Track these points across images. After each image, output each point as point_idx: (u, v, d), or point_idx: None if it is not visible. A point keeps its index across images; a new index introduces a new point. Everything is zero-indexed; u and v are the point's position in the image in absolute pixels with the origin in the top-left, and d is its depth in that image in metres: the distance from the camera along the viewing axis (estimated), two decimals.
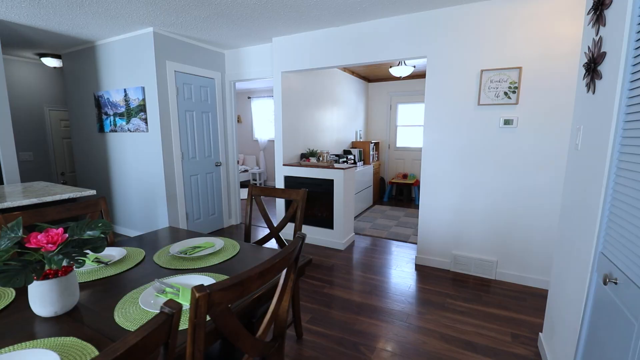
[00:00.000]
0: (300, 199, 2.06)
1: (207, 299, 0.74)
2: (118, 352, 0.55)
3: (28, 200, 2.10)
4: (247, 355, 1.00)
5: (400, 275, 3.10)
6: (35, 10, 2.96)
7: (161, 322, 0.64)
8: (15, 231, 1.02)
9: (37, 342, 0.90)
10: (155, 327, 0.62)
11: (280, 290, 1.09)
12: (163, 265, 1.44)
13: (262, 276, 0.90)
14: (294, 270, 1.14)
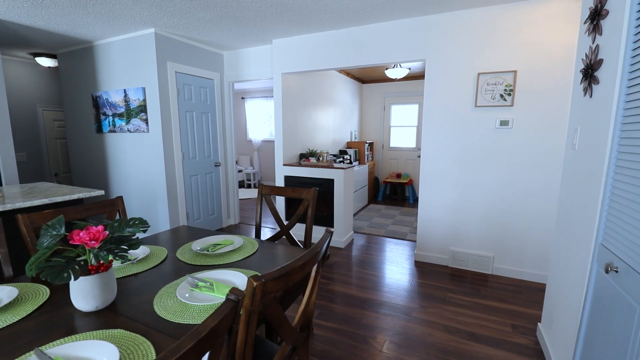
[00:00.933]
0: (311, 197, 2.13)
1: (263, 288, 0.80)
2: (202, 334, 0.61)
3: (39, 200, 2.10)
4: (284, 343, 1.06)
5: (401, 272, 3.19)
6: (36, 10, 2.94)
7: (230, 307, 0.69)
8: (57, 229, 1.06)
9: (87, 335, 0.94)
10: (227, 311, 0.68)
11: (312, 282, 1.16)
12: (187, 261, 1.48)
13: (302, 268, 0.97)
14: (322, 264, 1.20)
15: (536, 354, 2.03)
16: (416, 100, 6.30)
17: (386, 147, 6.76)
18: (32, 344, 0.91)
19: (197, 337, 0.60)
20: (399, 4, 2.81)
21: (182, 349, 0.56)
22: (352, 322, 2.35)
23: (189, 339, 0.59)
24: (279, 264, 1.48)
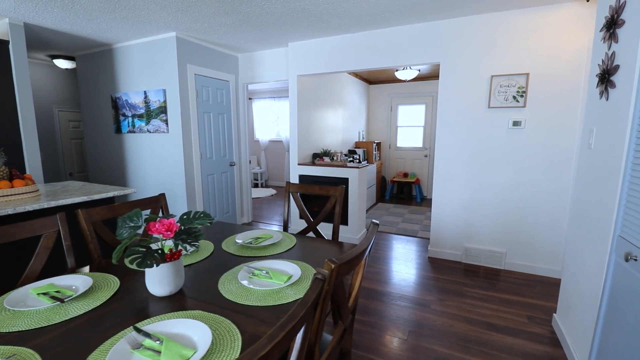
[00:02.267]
0: (338, 194, 2.24)
1: (338, 270, 0.91)
2: (307, 305, 0.72)
3: (79, 198, 2.21)
4: (340, 322, 1.17)
5: (416, 267, 3.31)
6: (65, 14, 3.04)
7: (320, 285, 0.81)
8: (135, 221, 1.17)
9: (171, 315, 1.05)
10: (318, 289, 0.79)
11: (362, 269, 1.27)
12: (234, 253, 1.60)
13: (362, 255, 1.08)
14: (369, 253, 1.32)
15: (553, 342, 2.15)
16: (423, 100, 6.42)
17: (393, 147, 6.87)
18: (122, 323, 1.02)
19: (305, 306, 0.71)
20: (415, 9, 2.93)
21: (297, 315, 0.67)
22: (374, 314, 2.46)
23: (300, 307, 0.70)
24: (320, 255, 1.59)
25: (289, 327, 0.64)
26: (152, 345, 0.87)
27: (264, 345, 0.58)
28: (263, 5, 2.81)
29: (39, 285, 1.21)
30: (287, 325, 0.64)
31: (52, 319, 1.03)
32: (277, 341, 0.60)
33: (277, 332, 0.62)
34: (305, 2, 2.75)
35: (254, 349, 0.56)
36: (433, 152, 6.46)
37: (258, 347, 0.57)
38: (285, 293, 1.19)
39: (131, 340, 0.89)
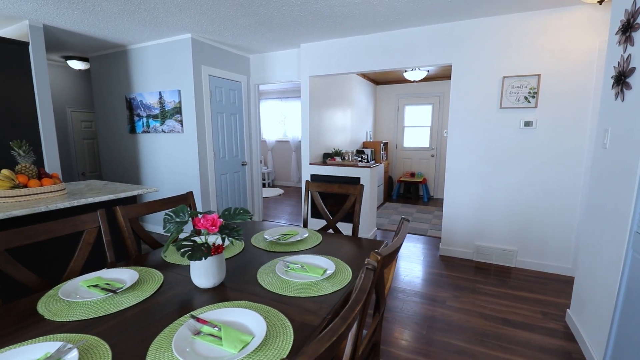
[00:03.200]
0: (357, 193, 2.30)
1: (382, 262, 0.97)
2: (366, 291, 0.78)
3: (106, 196, 2.27)
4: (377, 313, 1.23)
5: (428, 265, 3.37)
6: (85, 16, 3.11)
7: (372, 274, 0.86)
8: (181, 216, 1.23)
9: (220, 305, 1.11)
10: (371, 278, 0.85)
11: (394, 263, 1.33)
12: (265, 248, 1.66)
13: (399, 250, 1.14)
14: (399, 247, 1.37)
15: (567, 337, 2.20)
16: (430, 101, 6.47)
17: (400, 147, 6.93)
18: (175, 312, 1.08)
19: (364, 292, 0.77)
20: (429, 12, 2.98)
21: (360, 300, 0.73)
22: (391, 310, 2.52)
23: (361, 293, 0.76)
24: (347, 251, 1.65)
25: (356, 309, 0.70)
26: (211, 331, 0.93)
27: (339, 325, 0.63)
28: (280, 7, 2.87)
29: (88, 278, 1.27)
30: (355, 308, 0.70)
31: (107, 309, 1.09)
32: (349, 322, 0.66)
33: (347, 314, 0.67)
34: (321, 4, 2.81)
35: (332, 329, 0.62)
36: (439, 152, 6.51)
37: (335, 326, 0.63)
38: (323, 285, 1.25)
39: (191, 327, 0.95)
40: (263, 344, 0.89)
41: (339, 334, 0.61)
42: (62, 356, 0.83)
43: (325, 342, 0.58)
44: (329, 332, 0.61)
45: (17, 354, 0.84)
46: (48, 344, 0.87)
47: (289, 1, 2.73)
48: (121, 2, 2.76)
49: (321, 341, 0.58)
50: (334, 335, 0.60)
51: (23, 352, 0.84)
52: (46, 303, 1.12)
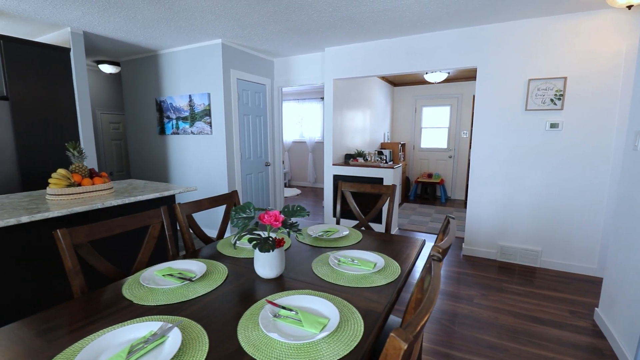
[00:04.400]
0: (390, 192, 2.39)
1: (444, 254, 1.06)
2: (439, 278, 0.87)
3: (152, 194, 2.41)
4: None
5: (453, 265, 3.43)
6: (124, 24, 3.27)
7: (439, 264, 0.96)
8: (248, 212, 1.34)
9: (287, 293, 1.21)
10: (440, 267, 0.94)
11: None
12: (310, 243, 1.76)
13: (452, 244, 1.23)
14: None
15: (596, 334, 2.25)
16: (448, 102, 6.51)
17: (417, 148, 6.98)
18: (249, 298, 1.19)
19: (439, 279, 0.86)
20: (457, 16, 3.05)
21: (438, 286, 0.83)
22: None
23: (437, 280, 0.85)
24: (387, 246, 1.74)
25: (437, 295, 0.79)
26: (288, 314, 1.04)
27: (427, 308, 0.73)
28: (311, 14, 2.98)
29: (161, 268, 1.39)
30: (436, 294, 0.79)
31: (186, 295, 1.20)
32: (434, 301, 0.75)
33: (432, 295, 0.77)
34: (351, 10, 2.91)
35: (424, 307, 0.72)
36: (457, 153, 6.54)
37: (422, 310, 0.72)
38: (376, 278, 1.35)
39: (269, 311, 1.06)
40: (339, 326, 0.99)
41: (430, 312, 0.71)
42: (166, 333, 0.94)
43: (424, 316, 0.67)
44: (423, 310, 0.70)
45: (125, 332, 0.95)
46: (149, 323, 0.99)
47: (320, 8, 2.84)
48: (161, 10, 2.91)
49: (419, 315, 0.68)
50: (428, 312, 0.70)
51: (129, 331, 0.96)
52: (129, 289, 1.24)
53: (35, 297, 1.99)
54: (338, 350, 0.89)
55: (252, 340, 0.93)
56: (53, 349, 0.91)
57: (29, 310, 1.97)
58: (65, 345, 0.92)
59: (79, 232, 1.31)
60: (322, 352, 0.88)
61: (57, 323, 1.04)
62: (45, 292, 2.04)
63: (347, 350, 0.90)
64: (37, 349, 0.91)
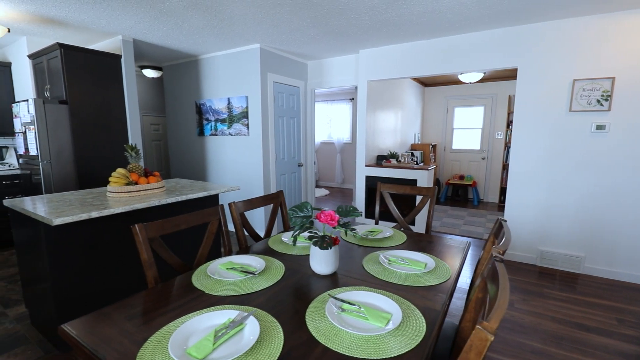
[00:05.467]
0: (431, 194, 2.40)
1: (504, 254, 1.09)
2: (507, 276, 0.90)
3: (201, 193, 2.55)
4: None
5: None
6: (172, 31, 3.46)
7: (500, 266, 0.99)
8: (305, 211, 1.42)
9: (345, 289, 1.27)
10: (503, 267, 0.97)
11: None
12: (358, 243, 1.82)
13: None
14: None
15: None
16: (482, 102, 6.37)
17: (448, 149, 6.87)
18: (310, 292, 1.26)
19: (507, 278, 0.90)
20: (499, 17, 3.01)
21: (507, 284, 0.86)
22: (460, 309, 2.59)
23: (505, 279, 0.88)
24: (433, 248, 1.77)
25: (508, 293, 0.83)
26: (352, 308, 1.10)
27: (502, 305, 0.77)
28: (351, 18, 3.04)
29: (223, 262, 1.50)
30: (508, 292, 0.83)
31: (251, 287, 1.29)
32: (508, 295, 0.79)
33: (505, 293, 0.81)
34: (391, 13, 2.94)
35: (499, 305, 0.76)
36: (491, 154, 6.39)
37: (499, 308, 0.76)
38: (427, 278, 1.38)
39: (335, 304, 1.12)
40: (401, 321, 1.05)
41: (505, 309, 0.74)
42: (243, 321, 1.03)
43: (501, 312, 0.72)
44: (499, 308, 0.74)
45: (206, 319, 1.05)
46: (227, 312, 1.08)
47: (360, 12, 2.89)
48: (207, 18, 3.06)
49: (498, 311, 0.72)
50: (504, 309, 0.74)
51: (210, 318, 1.05)
52: (199, 280, 1.35)
53: (100, 285, 2.17)
54: (404, 343, 0.95)
55: (322, 330, 1.00)
56: (144, 331, 1.02)
57: (97, 297, 2.15)
58: (154, 329, 1.02)
59: (152, 227, 1.44)
60: (389, 344, 0.94)
61: (142, 309, 1.15)
62: (109, 280, 2.21)
63: (413, 345, 0.94)
64: (130, 331, 1.02)
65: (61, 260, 1.97)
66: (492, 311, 0.73)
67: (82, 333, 1.00)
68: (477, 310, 1.10)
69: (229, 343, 0.94)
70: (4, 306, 2.68)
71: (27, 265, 2.21)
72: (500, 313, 0.71)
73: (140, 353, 0.90)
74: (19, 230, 2.20)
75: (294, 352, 0.91)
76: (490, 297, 0.95)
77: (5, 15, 2.99)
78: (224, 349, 0.91)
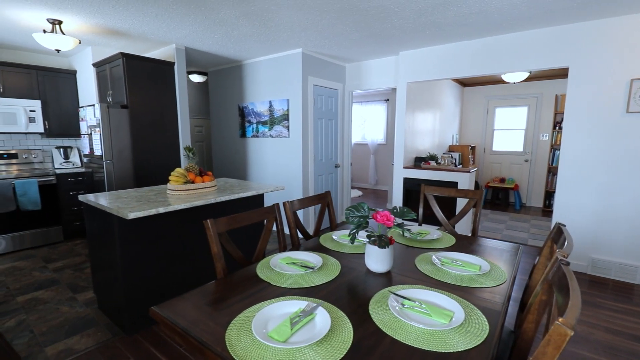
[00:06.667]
0: (478, 197, 2.39)
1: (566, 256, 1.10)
2: (574, 278, 0.92)
3: (250, 192, 2.70)
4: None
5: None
6: (222, 39, 3.65)
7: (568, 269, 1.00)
8: (362, 212, 1.49)
9: (404, 286, 1.33)
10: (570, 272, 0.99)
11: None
12: (406, 243, 1.86)
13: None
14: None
15: None
16: (525, 102, 6.13)
17: (488, 151, 6.67)
18: (368, 289, 1.33)
19: (575, 281, 0.92)
20: (547, 15, 2.92)
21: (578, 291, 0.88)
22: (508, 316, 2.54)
23: (575, 282, 0.91)
24: (486, 253, 1.78)
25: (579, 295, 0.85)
26: (413, 305, 1.15)
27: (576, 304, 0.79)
28: (395, 22, 3.07)
29: (282, 257, 1.60)
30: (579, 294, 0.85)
31: (312, 281, 1.38)
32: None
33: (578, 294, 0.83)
34: (436, 16, 2.94)
35: (573, 304, 0.79)
36: (535, 156, 6.13)
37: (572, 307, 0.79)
38: (482, 280, 1.41)
39: (396, 299, 1.19)
40: (464, 319, 1.09)
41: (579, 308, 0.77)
42: (313, 311, 1.11)
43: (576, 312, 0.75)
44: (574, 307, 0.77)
45: (280, 307, 1.15)
46: (296, 302, 1.17)
47: (405, 15, 2.92)
48: (256, 26, 3.21)
49: (572, 311, 0.75)
50: (579, 309, 0.77)
51: (281, 307, 1.15)
52: (263, 273, 1.46)
53: (161, 274, 2.37)
54: (469, 340, 0.99)
55: (388, 323, 1.07)
56: (224, 315, 1.13)
57: (158, 285, 2.35)
58: (234, 314, 1.14)
59: (220, 223, 1.57)
60: (454, 340, 0.99)
61: (218, 296, 1.27)
62: (168, 269, 2.41)
63: (478, 342, 0.98)
64: (212, 315, 1.14)
65: (131, 250, 2.17)
66: (567, 310, 0.76)
67: (172, 315, 1.14)
68: (541, 312, 1.12)
69: (303, 330, 1.03)
70: (73, 291, 2.97)
71: (98, 254, 2.45)
72: (575, 311, 0.74)
73: (227, 334, 1.01)
74: (92, 222, 2.44)
75: (364, 342, 0.99)
76: (558, 299, 0.97)
77: (78, 28, 3.31)
78: (300, 334, 1.00)
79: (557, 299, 0.97)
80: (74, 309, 2.67)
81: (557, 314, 0.90)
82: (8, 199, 3.72)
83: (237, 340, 0.97)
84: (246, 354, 0.91)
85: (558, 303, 0.94)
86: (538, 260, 1.55)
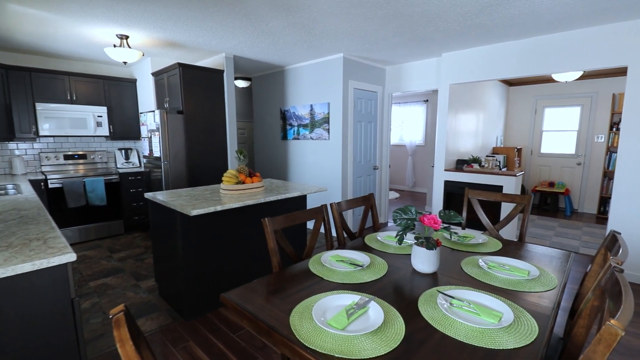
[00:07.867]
0: (526, 202, 2.35)
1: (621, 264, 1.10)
2: (628, 285, 0.94)
3: (295, 193, 2.85)
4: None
5: None
6: (268, 47, 3.86)
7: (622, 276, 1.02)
8: (409, 214, 1.56)
9: (451, 287, 1.39)
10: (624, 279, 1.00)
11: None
12: (451, 247, 1.90)
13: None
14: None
15: None
16: (578, 102, 5.79)
17: (536, 153, 6.37)
18: (416, 287, 1.40)
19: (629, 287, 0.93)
20: (602, 13, 2.79)
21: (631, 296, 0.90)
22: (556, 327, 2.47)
23: (627, 287, 0.92)
24: (536, 258, 1.77)
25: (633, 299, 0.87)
26: (462, 304, 1.21)
27: (629, 307, 0.82)
28: (439, 25, 3.08)
29: (332, 255, 1.71)
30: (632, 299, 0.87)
31: (362, 278, 1.47)
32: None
33: (631, 299, 0.86)
34: (483, 18, 2.91)
35: (625, 307, 0.82)
36: (589, 159, 5.76)
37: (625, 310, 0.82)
38: (531, 285, 1.42)
39: (445, 299, 1.25)
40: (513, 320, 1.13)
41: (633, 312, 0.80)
42: (366, 305, 1.21)
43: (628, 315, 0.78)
44: (626, 310, 0.80)
45: (335, 299, 1.25)
46: (350, 295, 1.27)
47: (450, 19, 2.92)
48: (301, 34, 3.37)
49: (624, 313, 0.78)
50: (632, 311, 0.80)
51: (337, 299, 1.26)
52: (314, 269, 1.57)
53: (216, 266, 2.58)
54: (519, 339, 1.03)
55: (437, 320, 1.14)
56: (286, 304, 1.26)
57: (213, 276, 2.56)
58: (294, 303, 1.26)
59: (276, 221, 1.71)
60: (502, 338, 1.04)
61: (278, 287, 1.41)
62: (223, 262, 2.61)
63: (527, 342, 1.03)
64: (275, 303, 1.27)
65: (191, 244, 2.40)
66: (618, 312, 0.79)
67: (241, 301, 1.28)
68: (592, 318, 1.13)
69: (358, 321, 1.13)
70: (137, 279, 3.29)
71: (160, 246, 2.71)
72: (627, 313, 0.78)
73: (291, 320, 1.13)
74: (156, 217, 2.71)
75: (416, 335, 1.07)
76: (610, 305, 0.99)
77: (142, 41, 3.66)
78: (356, 325, 1.10)
79: (609, 305, 0.99)
80: (138, 295, 2.97)
81: (608, 318, 0.92)
82: (80, 195, 4.18)
83: (300, 325, 1.09)
84: (309, 337, 1.03)
85: (610, 309, 0.96)
86: (590, 268, 1.53)
